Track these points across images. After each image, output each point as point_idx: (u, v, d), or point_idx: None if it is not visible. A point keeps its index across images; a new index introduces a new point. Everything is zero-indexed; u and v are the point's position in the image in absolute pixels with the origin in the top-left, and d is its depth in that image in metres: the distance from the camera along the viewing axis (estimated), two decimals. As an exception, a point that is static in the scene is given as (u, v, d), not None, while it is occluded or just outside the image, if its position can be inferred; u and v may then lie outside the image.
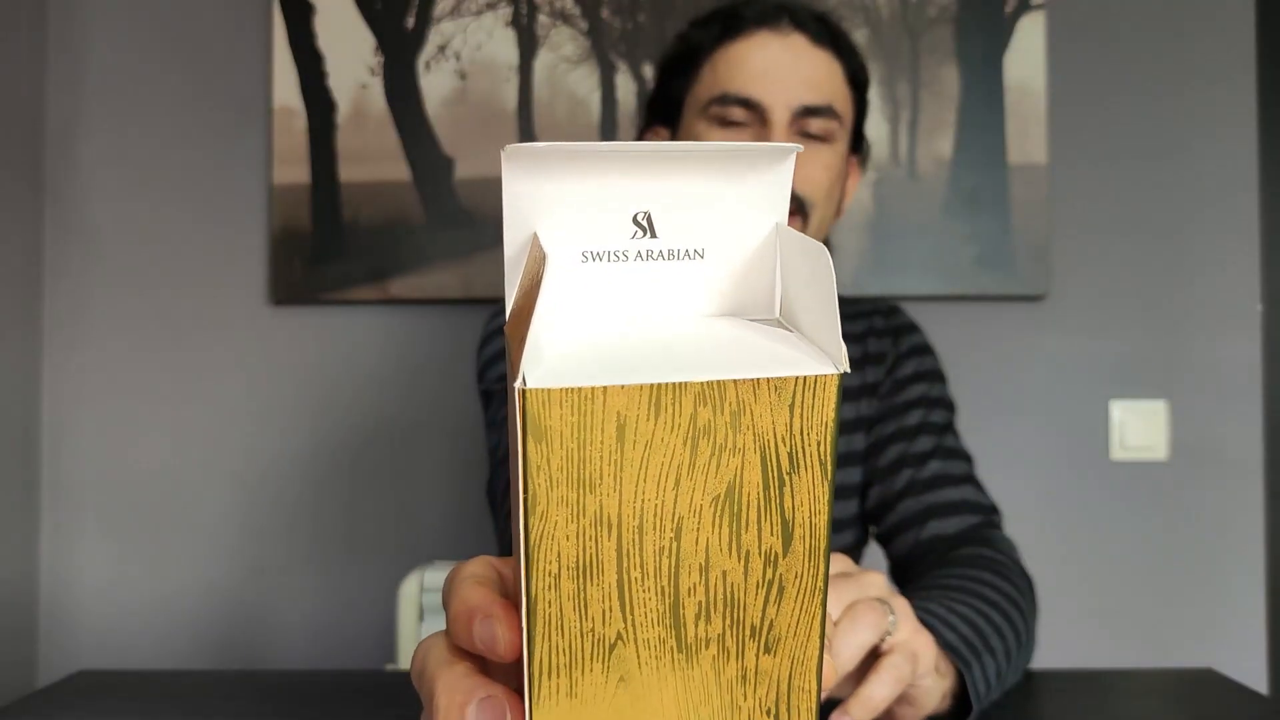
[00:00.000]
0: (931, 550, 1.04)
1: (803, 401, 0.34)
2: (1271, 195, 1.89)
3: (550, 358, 0.33)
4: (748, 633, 0.35)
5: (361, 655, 1.86)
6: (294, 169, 1.86)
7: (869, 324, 1.20)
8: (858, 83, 1.07)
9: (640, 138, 1.14)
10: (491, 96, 1.86)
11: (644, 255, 0.37)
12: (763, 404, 0.34)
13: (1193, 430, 1.86)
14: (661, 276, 0.37)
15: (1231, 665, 1.82)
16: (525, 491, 0.33)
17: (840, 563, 0.70)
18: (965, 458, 1.11)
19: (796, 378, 0.34)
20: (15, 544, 1.84)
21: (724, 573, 0.35)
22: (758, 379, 0.34)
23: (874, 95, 1.84)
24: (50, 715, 0.82)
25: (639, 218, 0.36)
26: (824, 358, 0.35)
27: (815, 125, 1.01)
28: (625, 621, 0.34)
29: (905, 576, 1.07)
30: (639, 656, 0.35)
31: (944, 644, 0.74)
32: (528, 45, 1.86)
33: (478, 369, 1.13)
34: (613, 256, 0.36)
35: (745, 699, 0.36)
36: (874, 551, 1.23)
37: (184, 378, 1.89)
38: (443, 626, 1.26)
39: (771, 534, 0.35)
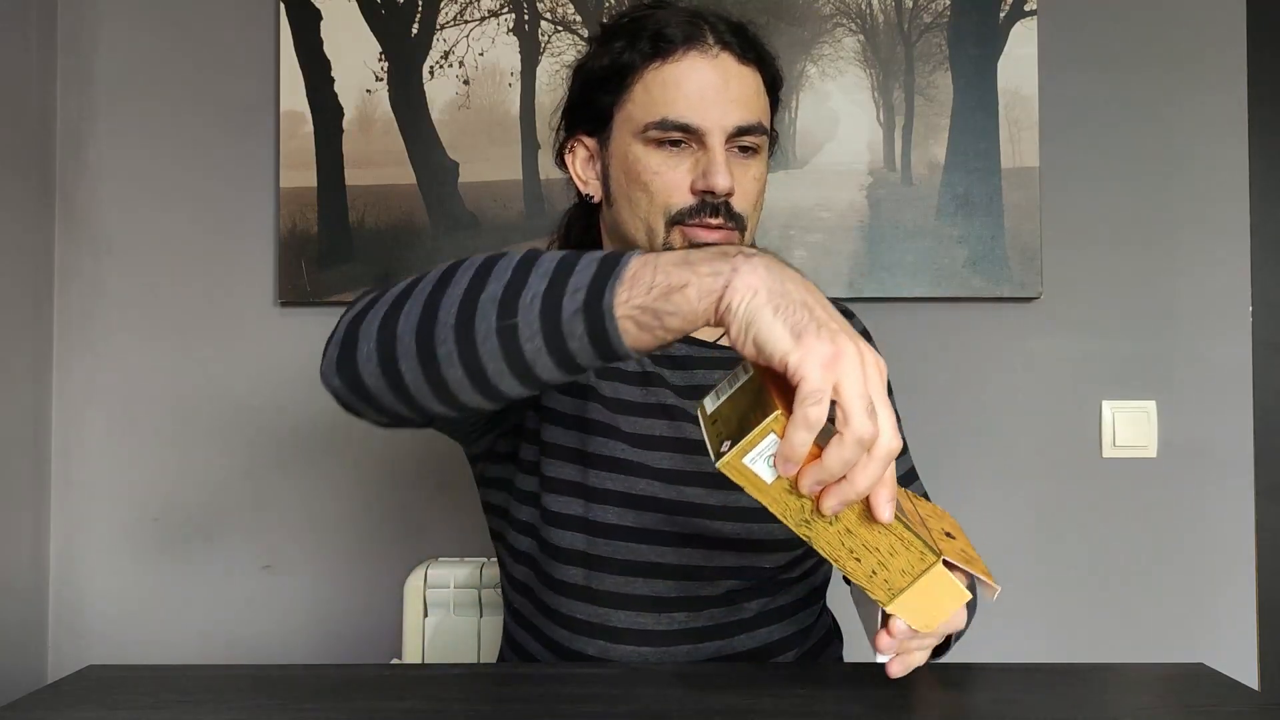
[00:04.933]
0: None
1: None
2: (1261, 198, 1.92)
3: None
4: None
5: (368, 650, 1.88)
6: (301, 173, 1.89)
7: None
8: (774, 87, 1.13)
9: (563, 147, 1.16)
10: (494, 102, 1.89)
11: None
12: None
13: (1183, 429, 1.88)
14: None
15: (1222, 660, 1.84)
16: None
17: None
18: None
19: None
20: (26, 541, 1.87)
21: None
22: None
23: (869, 101, 1.87)
24: (60, 710, 0.83)
25: None
26: None
27: (747, 141, 1.07)
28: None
29: None
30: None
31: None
32: (530, 52, 1.89)
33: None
34: None
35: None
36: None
37: (192, 378, 1.92)
38: (445, 623, 1.27)
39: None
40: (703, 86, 1.04)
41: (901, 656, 0.83)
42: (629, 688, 0.88)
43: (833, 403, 0.68)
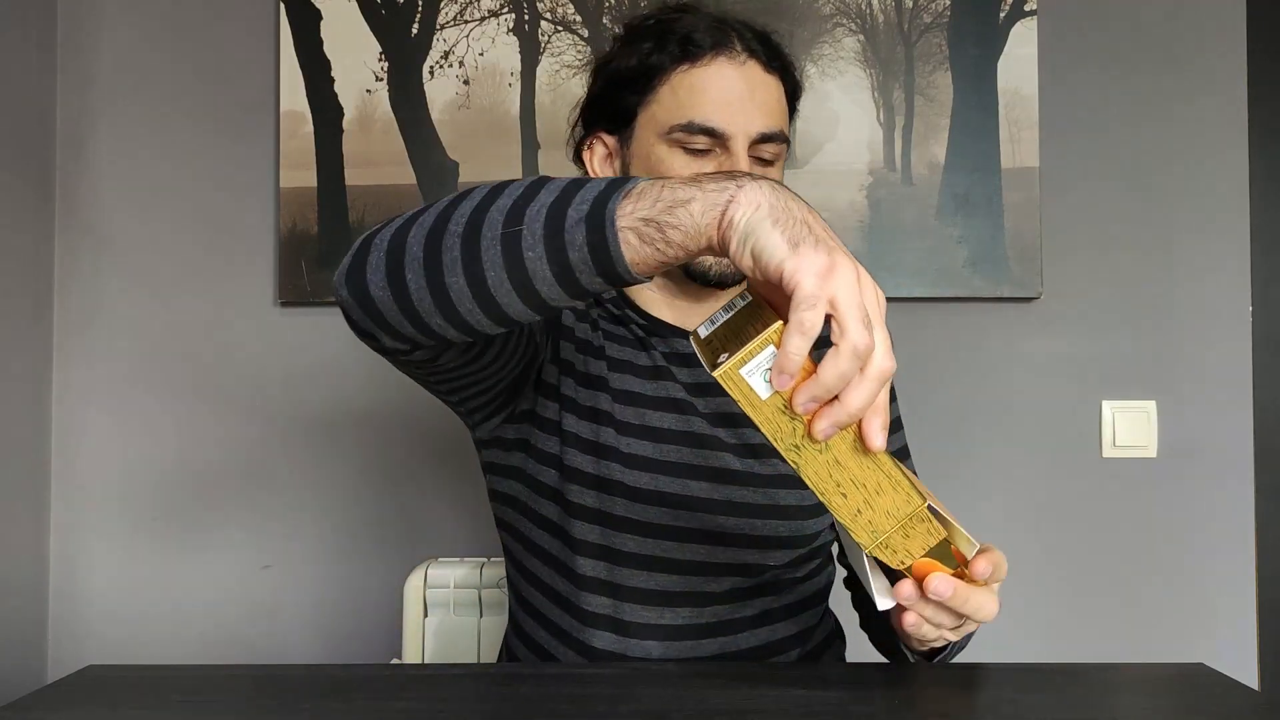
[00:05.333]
0: None
1: None
2: (1261, 199, 1.92)
3: None
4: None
5: (367, 650, 1.88)
6: (301, 173, 1.89)
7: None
8: (794, 96, 1.15)
9: (581, 145, 1.17)
10: (494, 102, 1.89)
11: None
12: None
13: (1183, 429, 1.88)
14: None
15: (1222, 660, 1.84)
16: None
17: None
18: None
19: None
20: (25, 541, 1.87)
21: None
22: None
23: (869, 101, 1.87)
24: (59, 710, 0.83)
25: None
26: None
27: (768, 150, 1.09)
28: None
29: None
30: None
31: None
32: (530, 52, 1.89)
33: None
34: None
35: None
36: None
37: (192, 378, 1.92)
38: (445, 623, 1.28)
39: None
40: (729, 92, 1.06)
41: (915, 616, 0.83)
42: (629, 687, 0.88)
43: (829, 321, 0.68)
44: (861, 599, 1.23)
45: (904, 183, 1.87)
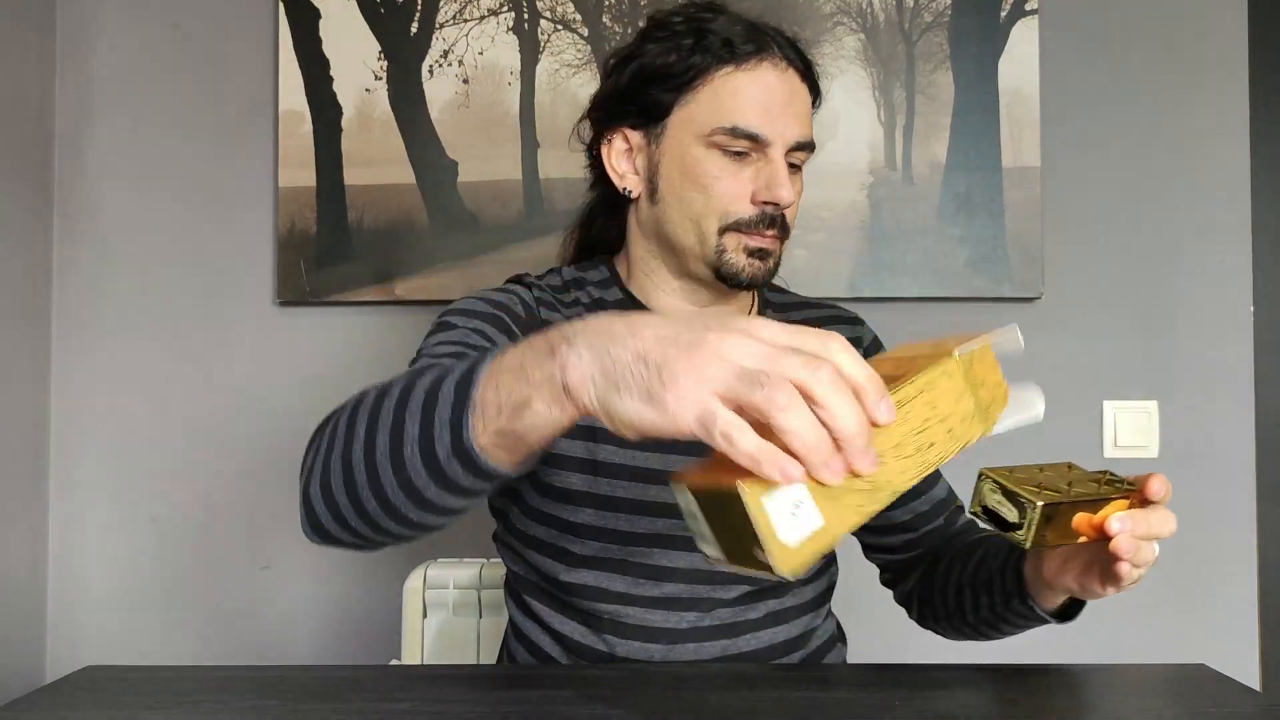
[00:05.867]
0: (956, 538, 1.22)
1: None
2: (1264, 198, 1.91)
3: None
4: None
5: (367, 650, 1.88)
6: (300, 172, 1.88)
7: (836, 330, 1.23)
8: (815, 106, 1.16)
9: (601, 134, 1.14)
10: (494, 101, 1.88)
11: None
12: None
13: (1184, 429, 1.88)
14: None
15: (1222, 660, 1.84)
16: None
17: None
18: None
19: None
20: (24, 541, 1.87)
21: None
22: None
23: (870, 100, 1.87)
24: (59, 710, 0.83)
25: None
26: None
27: (799, 157, 1.11)
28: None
29: (933, 561, 1.22)
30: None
31: None
32: (529, 51, 1.88)
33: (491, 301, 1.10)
34: None
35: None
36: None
37: (191, 377, 1.92)
38: (445, 624, 1.27)
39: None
40: (772, 98, 1.07)
41: (1128, 566, 0.87)
42: (629, 688, 0.87)
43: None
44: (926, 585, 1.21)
45: (905, 182, 1.87)
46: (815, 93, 1.14)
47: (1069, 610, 1.05)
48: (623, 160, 1.13)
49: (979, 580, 1.11)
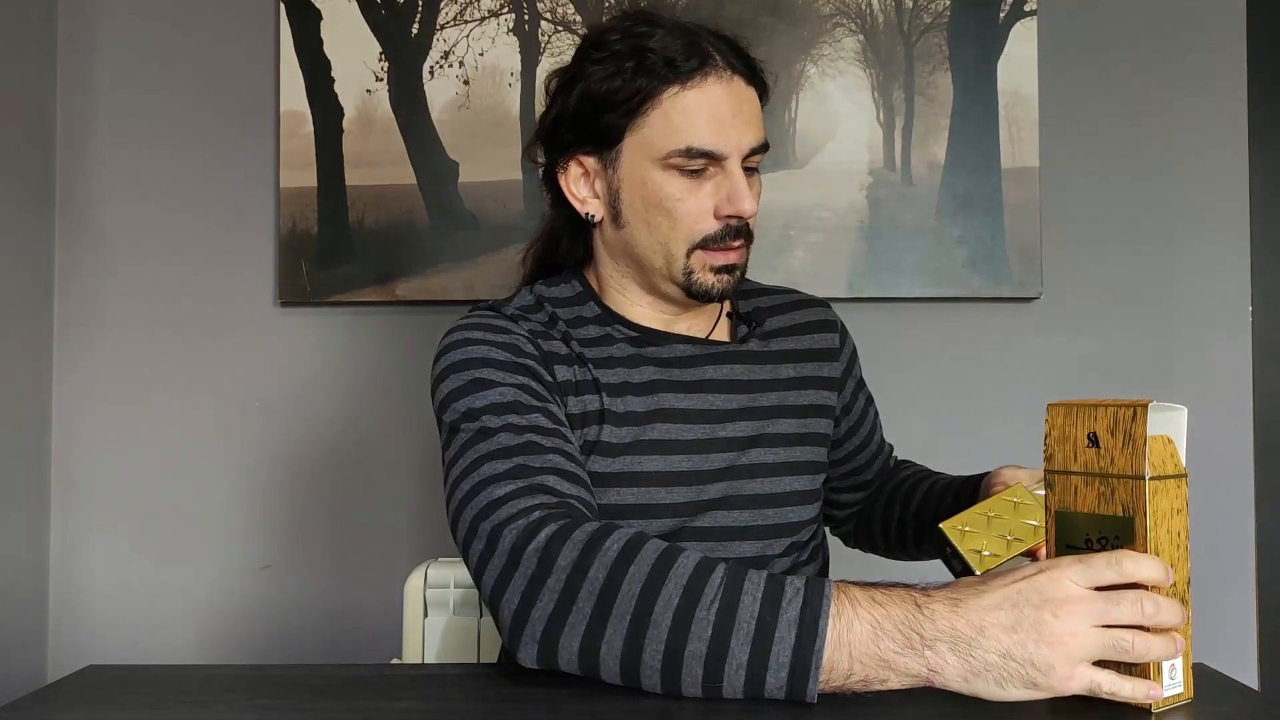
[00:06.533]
0: (889, 479, 1.39)
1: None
2: (1262, 199, 1.92)
3: None
4: None
5: (368, 650, 1.88)
6: (301, 173, 1.89)
7: (809, 315, 1.27)
8: (764, 99, 1.15)
9: (555, 165, 1.14)
10: (494, 102, 1.89)
11: None
12: None
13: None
14: None
15: (1222, 660, 1.84)
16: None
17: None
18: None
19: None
20: (26, 541, 1.87)
21: None
22: None
23: (869, 101, 1.87)
24: (60, 710, 0.83)
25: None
26: None
27: (755, 160, 1.11)
28: None
29: (875, 496, 1.38)
30: None
31: None
32: (530, 52, 1.89)
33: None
34: None
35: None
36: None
37: (192, 378, 1.92)
38: (445, 623, 1.27)
39: None
40: (722, 112, 1.06)
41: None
42: (628, 688, 0.87)
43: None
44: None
45: (904, 182, 1.87)
46: (763, 89, 1.13)
47: None
48: (581, 186, 1.13)
49: (922, 520, 1.27)
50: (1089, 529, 0.81)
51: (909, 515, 1.30)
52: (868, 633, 0.77)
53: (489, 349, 1.06)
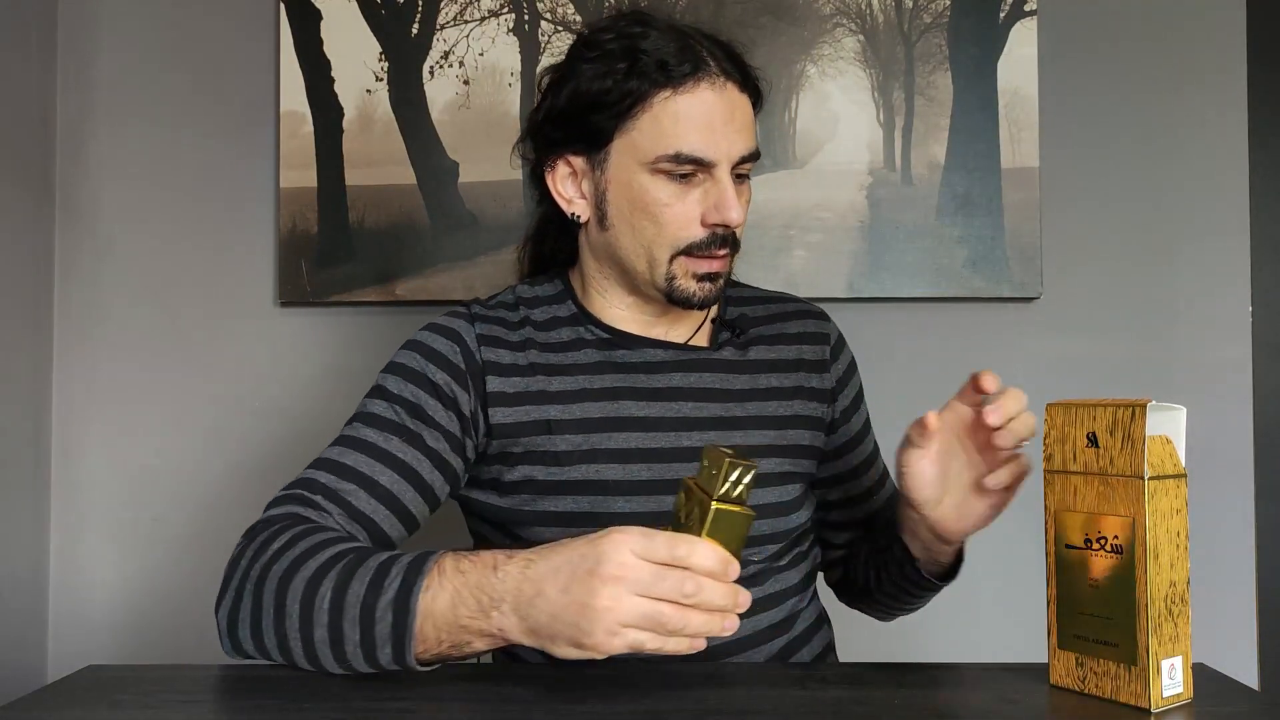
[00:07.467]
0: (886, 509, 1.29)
1: None
2: (1261, 199, 1.92)
3: None
4: None
5: (367, 650, 1.88)
6: (301, 173, 1.89)
7: (802, 326, 1.25)
8: (758, 106, 1.14)
9: (543, 163, 1.14)
10: (495, 102, 1.89)
11: None
12: None
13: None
14: None
15: (1222, 660, 1.84)
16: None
17: None
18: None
19: None
20: (26, 541, 1.87)
21: None
22: None
23: (869, 101, 1.87)
24: (59, 710, 0.83)
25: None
26: None
27: (745, 168, 1.10)
28: None
29: (871, 528, 1.30)
30: None
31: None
32: (530, 52, 1.89)
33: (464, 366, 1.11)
34: None
35: None
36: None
37: (192, 379, 1.92)
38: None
39: None
40: (713, 118, 1.05)
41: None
42: (629, 687, 0.88)
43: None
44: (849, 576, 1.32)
45: (904, 183, 1.87)
46: (756, 96, 1.12)
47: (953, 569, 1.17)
48: (568, 185, 1.13)
49: (878, 558, 1.22)
50: (1089, 529, 0.82)
51: (870, 537, 1.27)
52: (447, 602, 0.84)
53: (416, 358, 1.11)
